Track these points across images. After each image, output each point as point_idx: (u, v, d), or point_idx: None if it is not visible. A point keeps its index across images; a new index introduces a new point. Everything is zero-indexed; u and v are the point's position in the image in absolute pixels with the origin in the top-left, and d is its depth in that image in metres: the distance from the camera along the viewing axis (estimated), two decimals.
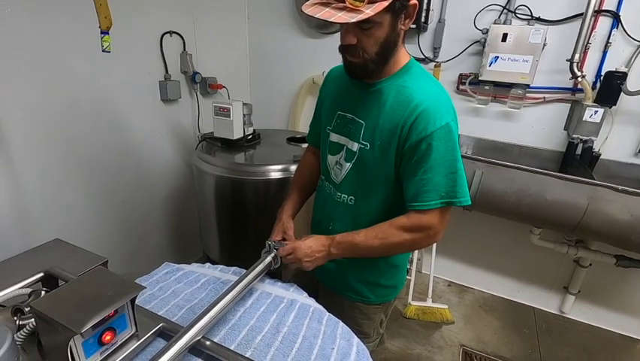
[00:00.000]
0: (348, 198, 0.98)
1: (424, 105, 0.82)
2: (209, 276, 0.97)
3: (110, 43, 1.33)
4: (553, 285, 2.19)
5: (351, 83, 0.94)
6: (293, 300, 0.90)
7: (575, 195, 1.55)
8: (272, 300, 0.90)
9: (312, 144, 1.17)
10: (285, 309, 0.87)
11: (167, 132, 2.08)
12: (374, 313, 1.10)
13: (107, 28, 1.30)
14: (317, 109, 1.12)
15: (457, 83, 2.05)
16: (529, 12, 1.80)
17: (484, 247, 2.30)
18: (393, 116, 0.86)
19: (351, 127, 0.94)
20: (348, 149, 0.95)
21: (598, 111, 1.69)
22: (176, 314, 0.84)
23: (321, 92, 1.08)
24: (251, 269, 0.91)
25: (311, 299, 0.93)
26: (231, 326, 0.80)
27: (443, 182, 0.84)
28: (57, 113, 1.49)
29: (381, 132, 0.87)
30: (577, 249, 1.91)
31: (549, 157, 1.93)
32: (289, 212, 1.08)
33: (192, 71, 2.06)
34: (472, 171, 1.72)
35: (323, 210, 1.08)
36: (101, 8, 1.26)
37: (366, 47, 0.80)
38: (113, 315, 0.65)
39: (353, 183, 0.96)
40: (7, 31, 1.27)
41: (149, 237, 2.09)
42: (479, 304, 2.29)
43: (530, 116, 1.97)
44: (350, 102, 0.95)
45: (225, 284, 0.92)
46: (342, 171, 0.97)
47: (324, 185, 1.07)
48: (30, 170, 1.44)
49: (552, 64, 1.83)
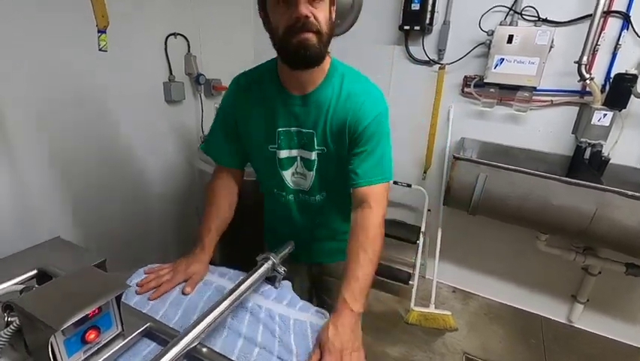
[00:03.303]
0: (320, 195, 1.03)
1: (364, 98, 0.89)
2: None
3: (106, 42, 1.34)
4: (562, 293, 2.13)
5: (282, 98, 0.91)
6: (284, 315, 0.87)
7: (582, 201, 1.51)
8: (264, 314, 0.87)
9: (228, 165, 1.05)
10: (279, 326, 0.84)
11: (171, 133, 2.09)
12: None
13: (104, 27, 1.31)
14: (227, 125, 0.99)
15: (461, 86, 2.02)
16: (536, 13, 1.77)
17: (489, 253, 2.25)
18: (339, 116, 0.90)
19: (301, 138, 0.94)
20: (304, 158, 0.97)
21: (607, 114, 1.64)
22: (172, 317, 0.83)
23: (232, 105, 0.97)
24: (248, 275, 0.89)
25: (307, 313, 0.90)
26: (227, 335, 0.79)
27: (383, 161, 0.92)
28: (59, 112, 1.51)
29: (332, 134, 0.92)
30: (585, 256, 1.86)
31: (556, 161, 1.89)
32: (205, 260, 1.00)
33: (196, 73, 2.08)
34: (476, 175, 1.68)
35: (283, 221, 1.11)
36: (98, 7, 1.27)
37: (321, 21, 0.77)
38: (96, 313, 0.64)
39: (322, 183, 1.00)
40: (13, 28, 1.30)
41: (151, 237, 2.10)
42: (484, 312, 2.24)
43: (537, 120, 1.93)
44: (289, 117, 0.92)
45: (207, 285, 0.92)
46: (308, 179, 1.00)
47: (276, 197, 1.07)
48: (33, 168, 1.46)
49: (560, 66, 1.79)
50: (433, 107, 2.10)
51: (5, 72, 1.31)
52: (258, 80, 0.95)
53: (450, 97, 2.08)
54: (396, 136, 1.97)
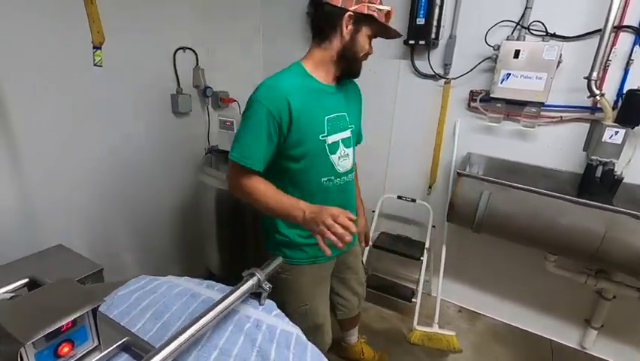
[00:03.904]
0: (351, 175, 1.24)
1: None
2: (182, 287, 0.96)
3: (101, 57, 1.39)
4: (573, 316, 2.03)
5: (323, 90, 1.13)
6: (270, 325, 0.87)
7: (591, 221, 1.45)
8: (251, 324, 0.86)
9: (259, 169, 1.07)
10: (263, 335, 0.83)
11: (179, 144, 2.13)
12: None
13: (99, 43, 1.38)
14: (271, 131, 1.03)
15: (468, 100, 1.99)
16: (543, 28, 1.73)
17: (497, 272, 2.18)
18: (355, 96, 1.28)
19: (340, 122, 1.16)
20: (344, 139, 1.17)
21: (619, 132, 1.58)
22: (150, 329, 0.83)
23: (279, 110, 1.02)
24: (231, 291, 0.88)
25: (293, 327, 0.89)
26: (201, 348, 0.78)
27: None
28: (67, 122, 1.56)
29: (354, 111, 1.25)
30: (597, 280, 1.76)
31: (566, 179, 1.82)
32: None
33: (204, 86, 2.12)
34: (480, 192, 1.64)
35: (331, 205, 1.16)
36: (94, 24, 1.33)
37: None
38: (70, 326, 0.64)
39: (354, 159, 1.25)
40: (24, 39, 1.36)
41: (155, 248, 2.13)
42: (491, 333, 2.15)
43: (546, 136, 1.87)
44: (331, 105, 1.14)
45: (195, 298, 0.91)
46: (350, 157, 1.22)
47: (325, 186, 1.17)
48: (39, 177, 1.50)
49: (569, 82, 1.75)
50: (438, 121, 2.08)
51: (16, 82, 1.37)
52: (297, 82, 1.08)
53: (456, 112, 2.05)
54: (401, 150, 2.07)
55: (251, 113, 1.04)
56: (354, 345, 1.86)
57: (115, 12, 1.62)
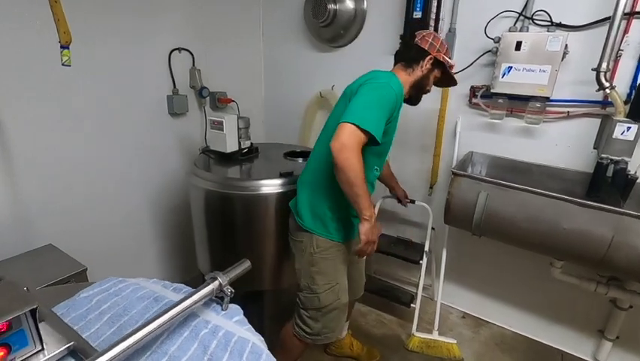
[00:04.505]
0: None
1: None
2: (147, 290, 0.94)
3: (69, 57, 1.40)
4: (586, 327, 1.89)
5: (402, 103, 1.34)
6: (228, 331, 0.83)
7: (597, 225, 1.33)
8: (208, 330, 0.83)
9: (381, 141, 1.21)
10: (218, 342, 0.80)
11: (175, 145, 2.14)
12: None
13: (66, 42, 1.39)
14: (389, 115, 1.22)
15: (469, 96, 1.89)
16: (548, 18, 1.62)
17: (503, 278, 2.06)
18: None
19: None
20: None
21: (631, 128, 1.45)
22: (103, 333, 0.81)
23: (396, 102, 1.23)
24: (189, 295, 0.86)
25: (253, 334, 0.85)
26: (150, 355, 0.75)
27: None
28: (61, 122, 1.59)
29: None
30: (608, 287, 1.63)
31: (575, 179, 1.69)
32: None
33: (200, 86, 2.12)
34: (477, 193, 1.55)
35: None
36: (59, 23, 1.34)
37: None
38: (5, 330, 0.63)
39: None
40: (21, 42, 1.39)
41: (149, 249, 2.14)
42: (496, 342, 2.04)
43: (553, 133, 1.75)
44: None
45: (157, 301, 0.89)
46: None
47: (374, 173, 1.38)
48: (32, 177, 1.53)
49: (577, 74, 1.63)
50: (438, 119, 1.99)
51: (9, 83, 1.40)
52: (400, 89, 1.28)
53: (457, 109, 1.95)
54: (402, 149, 2.05)
55: (384, 92, 1.19)
56: (343, 339, 1.83)
57: (107, 13, 1.64)
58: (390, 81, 1.24)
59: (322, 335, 1.42)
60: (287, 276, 1.73)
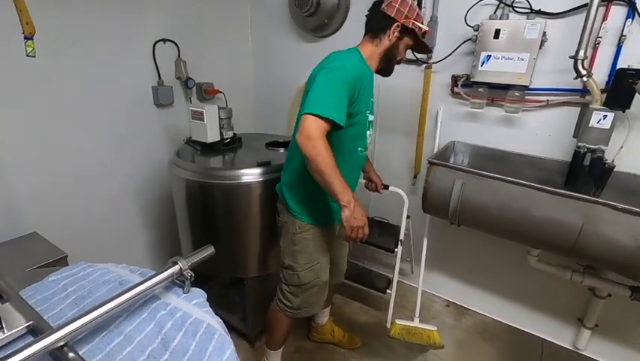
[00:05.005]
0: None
1: None
2: (114, 275, 0.97)
3: (33, 47, 1.41)
4: (566, 315, 1.91)
5: (372, 75, 1.32)
6: (185, 313, 0.86)
7: (567, 213, 1.34)
8: (166, 311, 0.86)
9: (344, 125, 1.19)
10: (174, 323, 0.83)
11: (161, 136, 2.17)
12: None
13: (29, 33, 1.39)
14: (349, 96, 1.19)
15: (451, 86, 1.89)
16: (528, 5, 1.60)
17: (485, 266, 2.08)
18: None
19: (372, 106, 1.36)
20: (370, 121, 1.36)
21: (607, 116, 1.44)
22: (65, 314, 0.85)
23: (355, 81, 1.19)
24: (148, 278, 0.89)
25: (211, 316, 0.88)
26: (105, 334, 0.79)
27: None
28: (47, 113, 1.62)
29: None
30: (583, 276, 1.64)
31: (555, 168, 1.69)
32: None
33: (185, 77, 2.14)
34: (452, 182, 1.56)
35: (354, 172, 1.42)
36: (22, 14, 1.35)
37: None
38: None
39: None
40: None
41: (135, 238, 2.18)
42: (477, 330, 2.06)
43: (533, 122, 1.75)
44: (372, 90, 1.34)
45: (122, 285, 0.92)
46: (370, 137, 1.40)
47: (359, 155, 1.38)
48: (20, 167, 1.57)
49: (556, 62, 1.61)
50: (420, 108, 1.99)
51: None
52: (360, 65, 1.27)
53: (439, 98, 1.95)
54: (386, 139, 2.09)
55: (337, 74, 1.16)
56: (324, 325, 1.86)
57: (89, 2, 1.66)
58: (344, 61, 1.20)
59: (302, 308, 1.47)
60: (269, 263, 1.77)
